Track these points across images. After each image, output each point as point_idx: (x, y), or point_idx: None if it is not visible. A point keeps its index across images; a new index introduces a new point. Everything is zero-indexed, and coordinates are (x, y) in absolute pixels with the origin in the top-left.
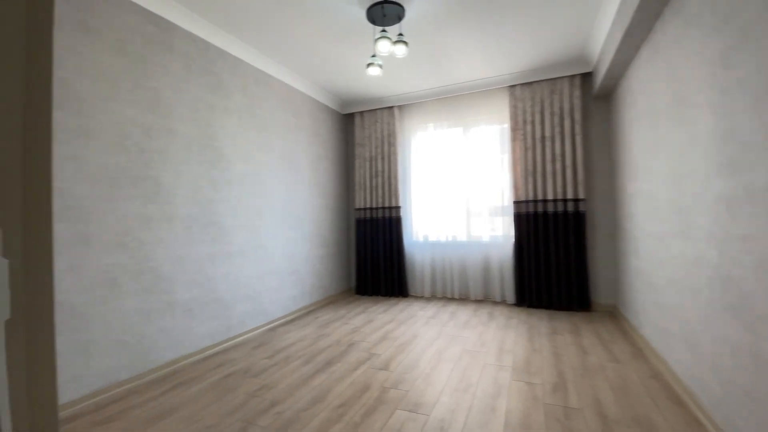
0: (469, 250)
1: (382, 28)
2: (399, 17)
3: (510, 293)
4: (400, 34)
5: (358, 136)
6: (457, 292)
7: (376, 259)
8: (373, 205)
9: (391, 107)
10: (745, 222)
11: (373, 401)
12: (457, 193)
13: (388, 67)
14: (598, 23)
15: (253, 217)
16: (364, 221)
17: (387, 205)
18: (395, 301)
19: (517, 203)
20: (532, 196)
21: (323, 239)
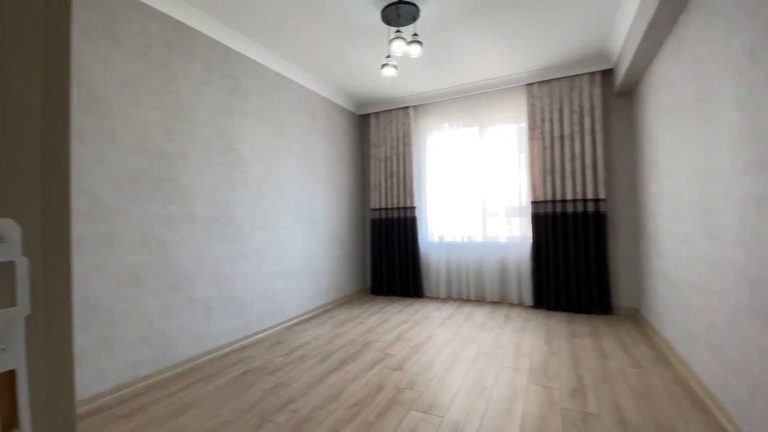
0: (485, 250)
1: (397, 28)
2: (414, 17)
3: (528, 295)
4: (415, 35)
5: (374, 137)
6: (473, 293)
7: (391, 259)
8: (388, 206)
9: (407, 107)
10: None
11: (387, 401)
12: (473, 193)
13: (402, 68)
14: (620, 17)
15: (270, 218)
16: (379, 221)
17: (402, 205)
18: (410, 302)
19: (535, 203)
20: (550, 196)
21: (339, 239)
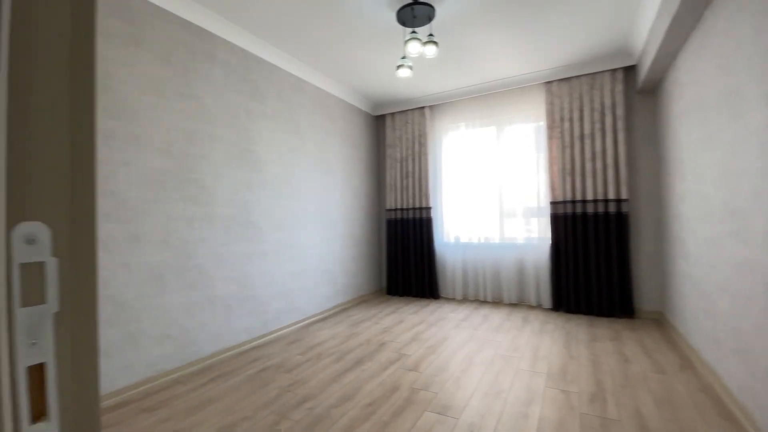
0: (502, 252)
1: (413, 29)
2: (429, 18)
3: (546, 297)
4: (431, 35)
5: (389, 137)
6: (490, 295)
7: (406, 259)
8: (404, 206)
9: (422, 108)
10: None
11: (402, 401)
12: (490, 193)
13: (418, 68)
14: (642, 12)
15: (287, 218)
16: (395, 222)
17: (418, 205)
18: (426, 303)
19: (554, 204)
20: (570, 197)
21: (355, 239)
